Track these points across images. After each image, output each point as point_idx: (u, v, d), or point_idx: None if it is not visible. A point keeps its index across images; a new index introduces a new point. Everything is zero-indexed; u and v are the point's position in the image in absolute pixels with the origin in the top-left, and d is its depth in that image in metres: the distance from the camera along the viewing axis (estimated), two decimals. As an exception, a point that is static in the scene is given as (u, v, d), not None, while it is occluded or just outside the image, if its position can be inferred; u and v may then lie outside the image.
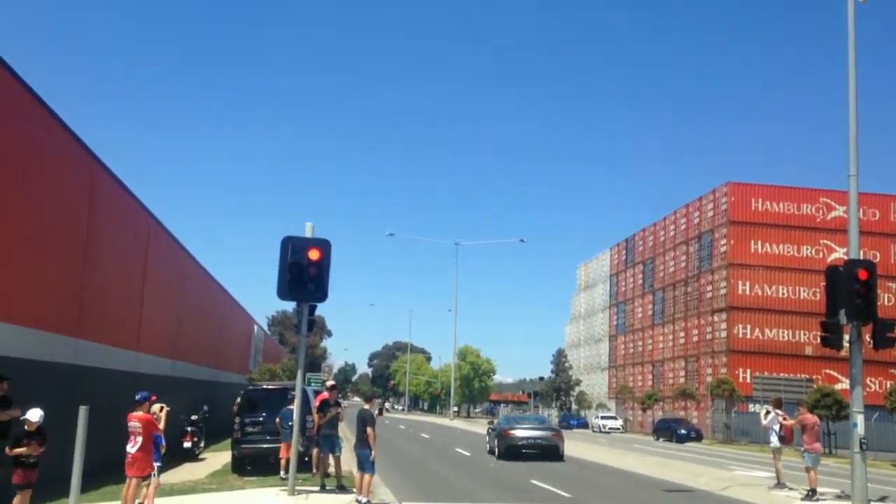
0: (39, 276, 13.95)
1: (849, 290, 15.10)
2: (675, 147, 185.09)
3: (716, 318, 60.75)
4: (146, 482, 11.94)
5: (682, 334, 66.45)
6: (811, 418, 17.33)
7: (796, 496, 16.38)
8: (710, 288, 62.05)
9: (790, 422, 18.18)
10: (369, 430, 13.86)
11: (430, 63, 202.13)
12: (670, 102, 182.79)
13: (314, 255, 14.39)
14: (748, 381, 52.40)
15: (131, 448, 11.17)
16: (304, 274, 14.30)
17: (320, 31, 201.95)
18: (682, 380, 64.50)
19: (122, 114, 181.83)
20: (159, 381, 21.02)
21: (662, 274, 71.50)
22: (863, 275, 15.12)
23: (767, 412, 19.06)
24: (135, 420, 11.19)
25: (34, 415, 10.36)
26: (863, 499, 14.87)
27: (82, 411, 11.62)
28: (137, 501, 12.16)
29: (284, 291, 14.48)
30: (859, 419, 15.14)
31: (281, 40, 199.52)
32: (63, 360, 14.89)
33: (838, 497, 16.38)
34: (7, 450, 10.22)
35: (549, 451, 27.29)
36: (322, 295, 14.58)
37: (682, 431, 49.56)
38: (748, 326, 58.65)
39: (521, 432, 27.99)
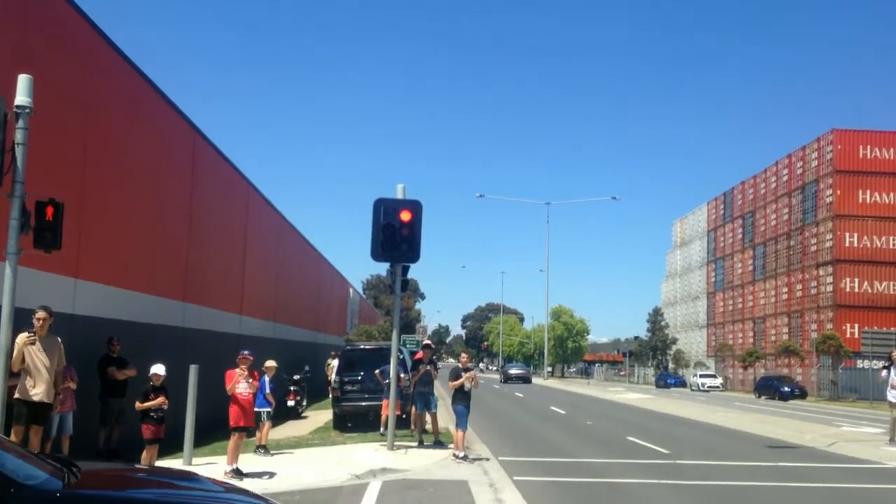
0: (153, 244, 14.66)
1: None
2: (769, 99, 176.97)
3: (821, 272, 58.33)
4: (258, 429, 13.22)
5: (785, 289, 64.15)
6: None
7: (909, 453, 15.73)
8: (814, 241, 59.53)
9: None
10: (450, 382, 14.50)
11: (521, 31, 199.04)
12: (768, 54, 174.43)
13: (406, 216, 14.54)
14: (856, 336, 50.30)
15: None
16: (396, 235, 14.49)
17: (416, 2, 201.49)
18: (784, 336, 62.46)
19: (219, 86, 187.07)
20: (262, 342, 21.86)
21: (763, 228, 68.97)
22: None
23: (885, 367, 18.29)
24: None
25: (160, 369, 10.87)
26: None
27: (193, 369, 12.25)
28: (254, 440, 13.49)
29: (378, 252, 14.68)
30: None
31: (375, 10, 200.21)
32: (174, 322, 15.68)
33: (956, 454, 15.63)
34: (137, 404, 10.78)
35: (525, 379, 62.51)
36: (415, 255, 14.73)
37: (786, 389, 48.12)
38: (856, 280, 56.15)
39: (511, 370, 65.73)
